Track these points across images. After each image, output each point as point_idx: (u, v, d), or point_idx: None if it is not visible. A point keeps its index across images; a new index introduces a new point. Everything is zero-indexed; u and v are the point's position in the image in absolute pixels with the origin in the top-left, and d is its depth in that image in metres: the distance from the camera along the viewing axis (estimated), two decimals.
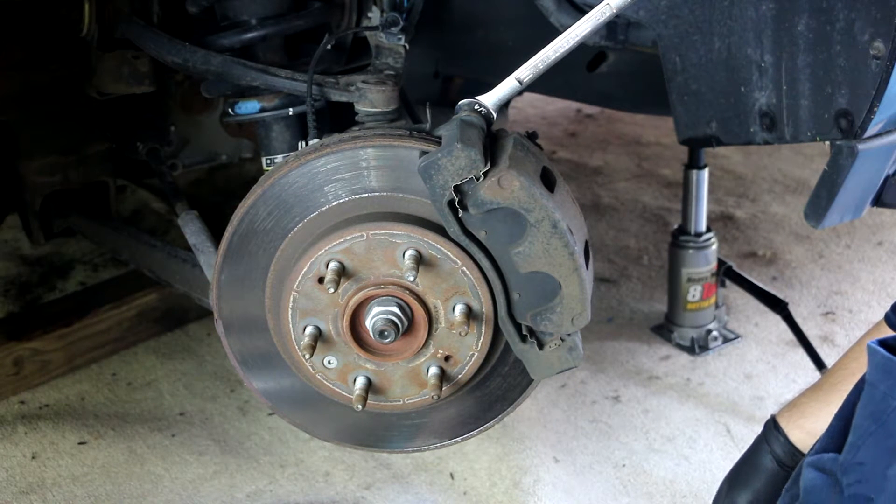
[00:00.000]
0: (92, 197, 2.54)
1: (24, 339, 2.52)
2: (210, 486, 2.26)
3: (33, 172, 2.37)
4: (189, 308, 2.80)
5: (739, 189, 3.86)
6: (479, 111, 1.54)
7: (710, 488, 2.32)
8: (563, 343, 1.56)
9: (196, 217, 2.00)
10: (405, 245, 1.53)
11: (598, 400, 2.63)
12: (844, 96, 1.71)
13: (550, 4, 1.97)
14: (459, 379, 1.62)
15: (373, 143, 1.55)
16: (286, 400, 1.74)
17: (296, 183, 1.58)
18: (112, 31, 2.05)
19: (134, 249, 2.38)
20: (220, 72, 1.81)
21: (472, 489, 2.28)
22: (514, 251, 1.49)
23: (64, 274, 3.06)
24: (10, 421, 2.43)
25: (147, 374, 2.66)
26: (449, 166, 1.43)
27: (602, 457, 2.41)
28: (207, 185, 3.51)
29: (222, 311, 1.68)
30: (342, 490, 2.27)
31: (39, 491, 2.21)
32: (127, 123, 2.48)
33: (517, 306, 1.55)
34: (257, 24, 1.90)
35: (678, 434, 2.50)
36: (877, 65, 1.61)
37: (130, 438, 2.40)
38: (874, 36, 1.60)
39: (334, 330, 1.59)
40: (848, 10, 1.63)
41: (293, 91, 1.80)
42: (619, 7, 1.49)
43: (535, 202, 1.44)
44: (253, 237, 1.62)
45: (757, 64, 1.81)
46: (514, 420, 2.45)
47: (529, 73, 1.53)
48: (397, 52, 1.84)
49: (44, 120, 2.34)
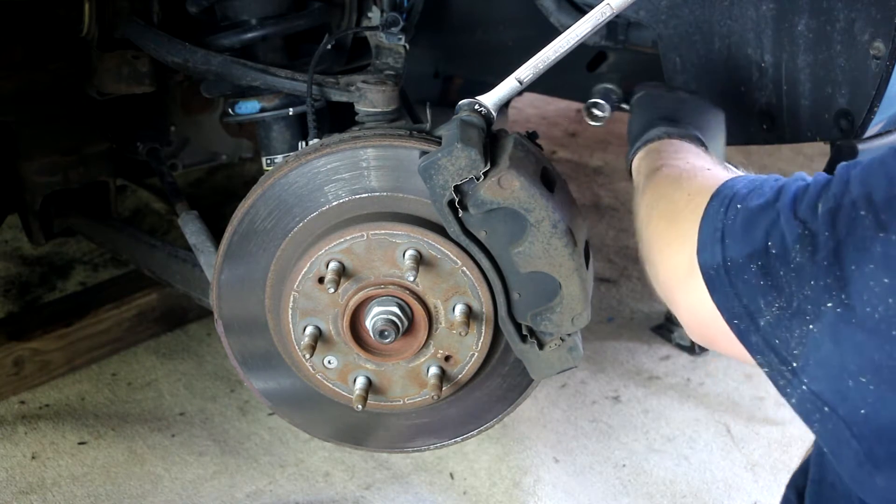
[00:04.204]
0: (92, 197, 2.53)
1: (24, 339, 2.52)
2: (210, 486, 2.26)
3: (33, 172, 2.37)
4: (189, 308, 2.80)
5: None
6: (479, 111, 1.54)
7: (710, 488, 2.32)
8: (563, 343, 1.56)
9: (196, 217, 2.00)
10: (405, 245, 1.53)
11: (598, 400, 2.62)
12: (844, 96, 1.71)
13: (550, 4, 1.97)
14: (459, 379, 1.62)
15: (373, 143, 1.55)
16: (286, 400, 1.74)
17: (296, 183, 1.58)
18: (112, 31, 2.05)
19: (134, 249, 2.38)
20: (220, 72, 1.81)
21: (472, 489, 2.28)
22: (515, 251, 1.49)
23: (64, 274, 3.06)
24: (10, 421, 2.43)
25: (147, 374, 2.65)
26: (449, 166, 1.43)
27: (602, 457, 2.41)
28: (207, 185, 3.52)
29: (222, 311, 1.68)
30: (342, 490, 2.27)
31: (39, 491, 2.21)
32: (127, 123, 2.48)
33: (517, 306, 1.55)
34: (257, 24, 1.90)
35: (678, 434, 2.50)
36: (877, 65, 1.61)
37: (130, 438, 2.40)
38: (874, 36, 1.60)
39: (334, 330, 1.59)
40: (848, 10, 1.63)
41: (293, 91, 1.81)
42: (619, 7, 1.49)
43: (536, 202, 1.44)
44: (253, 237, 1.62)
45: (757, 64, 1.82)
46: (514, 420, 2.45)
47: (529, 73, 1.53)
48: (397, 52, 1.84)
49: (44, 120, 2.34)
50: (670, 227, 1.26)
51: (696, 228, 1.18)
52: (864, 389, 0.98)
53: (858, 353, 0.98)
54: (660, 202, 1.35)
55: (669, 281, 1.22)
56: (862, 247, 0.98)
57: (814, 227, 1.04)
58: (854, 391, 0.99)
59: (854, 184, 1.03)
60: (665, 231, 1.28)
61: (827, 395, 1.02)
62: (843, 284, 0.99)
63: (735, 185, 1.20)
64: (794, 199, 1.09)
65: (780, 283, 1.06)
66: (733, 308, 1.11)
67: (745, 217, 1.12)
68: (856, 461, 1.00)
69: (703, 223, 1.17)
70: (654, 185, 1.42)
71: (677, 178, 1.38)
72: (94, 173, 2.46)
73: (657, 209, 1.34)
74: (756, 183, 1.17)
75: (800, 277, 1.04)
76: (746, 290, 1.10)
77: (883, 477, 0.98)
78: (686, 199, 1.26)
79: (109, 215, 2.58)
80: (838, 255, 1.00)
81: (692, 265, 1.16)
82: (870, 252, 0.97)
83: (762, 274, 1.08)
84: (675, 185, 1.35)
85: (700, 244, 1.16)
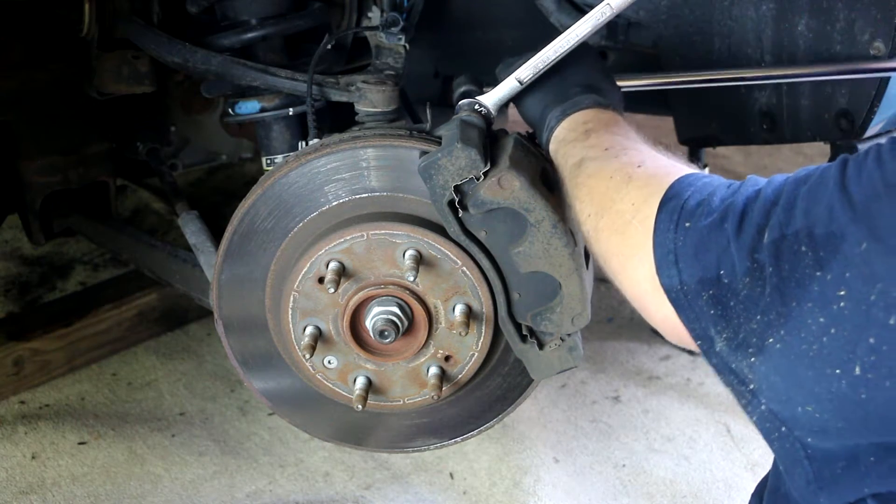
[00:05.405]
0: (92, 197, 2.53)
1: (24, 339, 2.52)
2: (210, 486, 2.26)
3: (33, 172, 2.37)
4: (189, 308, 2.80)
5: None
6: (480, 111, 1.54)
7: (710, 488, 2.32)
8: (563, 343, 1.56)
9: (196, 217, 2.00)
10: (405, 245, 1.53)
11: (599, 400, 2.62)
12: (844, 96, 1.71)
13: (550, 4, 1.97)
14: (459, 379, 1.62)
15: (373, 143, 1.55)
16: (286, 400, 1.74)
17: (296, 183, 1.58)
18: (112, 31, 2.05)
19: (134, 249, 2.38)
20: (220, 72, 1.81)
21: (472, 489, 2.28)
22: (515, 251, 1.49)
23: (64, 274, 3.05)
24: (10, 421, 2.43)
25: (147, 374, 2.65)
26: (449, 166, 1.43)
27: (602, 457, 2.41)
28: (207, 185, 3.52)
29: (222, 311, 1.68)
30: (342, 490, 2.26)
31: (39, 491, 2.21)
32: (127, 123, 2.48)
33: (517, 306, 1.55)
34: (257, 24, 1.90)
35: (678, 434, 2.50)
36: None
37: (130, 438, 2.39)
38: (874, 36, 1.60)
39: (334, 330, 1.59)
40: (848, 10, 1.63)
41: (293, 91, 1.81)
42: (619, 7, 1.49)
43: (536, 202, 1.44)
44: (253, 237, 1.62)
45: (757, 63, 1.81)
46: (514, 420, 2.45)
47: (529, 73, 1.53)
48: (397, 52, 1.84)
49: (44, 120, 2.34)
50: (623, 241, 1.24)
51: (649, 242, 1.17)
52: (811, 417, 1.00)
53: (801, 385, 1.00)
54: (604, 214, 1.30)
55: (636, 295, 1.22)
56: (802, 284, 0.99)
57: (760, 258, 1.04)
58: (803, 417, 1.01)
59: (799, 212, 1.03)
60: (618, 246, 1.25)
61: (784, 416, 1.04)
62: (784, 321, 1.01)
63: (682, 195, 1.17)
64: (742, 217, 1.09)
65: (730, 313, 1.07)
66: (696, 329, 1.12)
67: (696, 240, 1.12)
68: (805, 480, 1.03)
69: (656, 241, 1.16)
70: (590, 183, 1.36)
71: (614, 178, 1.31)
72: (94, 173, 2.46)
73: (603, 220, 1.30)
74: (703, 193, 1.15)
75: (747, 310, 1.05)
76: (702, 315, 1.11)
77: (826, 497, 1.02)
78: (631, 209, 1.23)
79: (109, 215, 2.57)
80: (781, 291, 1.01)
81: (655, 282, 1.16)
82: (808, 290, 0.99)
83: (713, 303, 1.09)
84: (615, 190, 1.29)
85: (657, 264, 1.15)
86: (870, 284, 0.94)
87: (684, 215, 1.15)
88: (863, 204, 0.97)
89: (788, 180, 1.08)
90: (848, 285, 0.95)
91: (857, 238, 0.95)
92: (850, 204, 0.97)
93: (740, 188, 1.13)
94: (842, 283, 0.96)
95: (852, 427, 0.98)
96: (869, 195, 0.97)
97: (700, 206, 1.14)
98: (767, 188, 1.10)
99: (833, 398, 0.97)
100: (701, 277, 1.10)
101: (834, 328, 0.96)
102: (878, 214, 0.95)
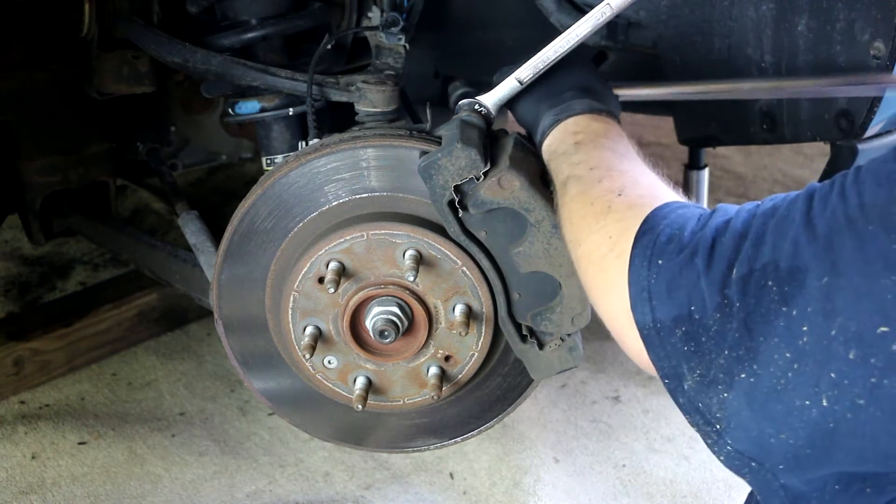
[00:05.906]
0: (92, 197, 2.53)
1: (24, 339, 2.52)
2: (210, 486, 2.26)
3: (33, 172, 2.37)
4: (189, 308, 2.80)
5: (739, 189, 3.86)
6: (480, 111, 1.54)
7: (710, 488, 2.32)
8: (563, 343, 1.56)
9: (196, 217, 2.00)
10: (405, 245, 1.53)
11: (599, 400, 2.62)
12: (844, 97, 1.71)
13: (550, 4, 1.97)
14: (459, 379, 1.62)
15: (373, 143, 1.55)
16: (286, 400, 1.74)
17: (296, 183, 1.58)
18: (112, 31, 2.05)
19: (134, 249, 2.38)
20: (220, 72, 1.81)
21: (472, 489, 2.28)
22: (515, 251, 1.49)
23: (64, 274, 3.05)
24: (10, 421, 2.43)
25: (147, 374, 2.65)
26: (449, 166, 1.43)
27: (602, 457, 2.41)
28: (207, 185, 3.52)
29: (222, 311, 1.68)
30: (342, 490, 2.26)
31: (39, 491, 2.21)
32: (127, 123, 2.48)
33: (517, 306, 1.55)
34: (257, 24, 1.90)
35: (678, 434, 2.50)
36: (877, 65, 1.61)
37: (130, 438, 2.39)
38: (874, 36, 1.60)
39: (334, 330, 1.59)
40: (848, 10, 1.63)
41: (293, 91, 1.80)
42: (619, 7, 1.49)
43: (536, 202, 1.44)
44: (253, 237, 1.62)
45: (757, 64, 1.81)
46: (514, 420, 2.45)
47: (529, 73, 1.53)
48: (397, 52, 1.84)
49: (44, 120, 2.34)
50: (599, 274, 1.25)
51: (624, 279, 1.17)
52: (785, 445, 1.01)
53: (771, 418, 1.01)
54: (582, 242, 1.30)
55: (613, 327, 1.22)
56: (768, 319, 1.00)
57: (729, 294, 1.04)
58: (776, 446, 1.02)
59: (766, 247, 1.03)
60: (595, 278, 1.26)
61: (752, 453, 1.06)
62: (753, 356, 1.01)
63: (655, 229, 1.17)
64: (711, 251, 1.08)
65: (702, 349, 1.07)
66: (664, 368, 1.12)
67: (668, 278, 1.12)
68: None
69: (631, 279, 1.16)
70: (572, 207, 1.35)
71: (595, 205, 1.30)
72: (94, 173, 2.46)
73: (582, 249, 1.30)
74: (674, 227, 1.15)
75: (718, 346, 1.05)
76: (674, 353, 1.11)
77: None
78: (609, 242, 1.23)
79: (109, 215, 2.57)
80: (748, 326, 1.01)
81: (630, 318, 1.16)
82: (774, 326, 0.99)
83: (686, 339, 1.09)
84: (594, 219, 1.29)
85: (632, 301, 1.15)
86: (830, 319, 0.94)
87: (656, 252, 1.15)
88: (825, 238, 0.97)
89: (758, 212, 1.08)
90: (810, 320, 0.96)
91: (819, 272, 0.96)
92: (815, 238, 0.98)
93: (710, 220, 1.13)
94: (805, 318, 0.96)
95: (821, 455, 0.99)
96: (832, 228, 0.97)
97: (671, 241, 1.14)
98: (736, 220, 1.10)
99: (805, 426, 0.98)
100: (676, 315, 1.10)
101: (797, 363, 0.97)
102: (839, 248, 0.95)
